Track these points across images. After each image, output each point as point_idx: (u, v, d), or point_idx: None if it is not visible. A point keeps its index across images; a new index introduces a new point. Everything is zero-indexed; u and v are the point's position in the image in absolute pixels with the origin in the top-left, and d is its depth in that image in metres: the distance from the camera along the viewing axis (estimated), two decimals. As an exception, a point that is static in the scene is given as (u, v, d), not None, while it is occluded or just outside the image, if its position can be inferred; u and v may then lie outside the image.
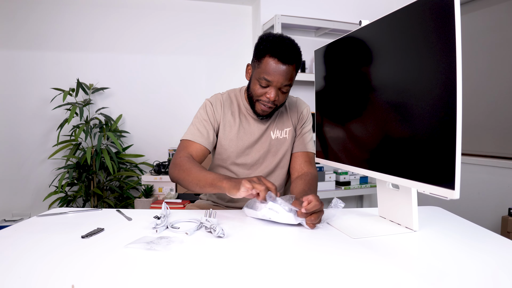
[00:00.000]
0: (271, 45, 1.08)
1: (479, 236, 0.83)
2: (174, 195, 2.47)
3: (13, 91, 2.69)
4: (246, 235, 0.83)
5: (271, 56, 1.08)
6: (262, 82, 1.10)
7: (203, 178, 1.02)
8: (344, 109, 1.03)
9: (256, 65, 1.13)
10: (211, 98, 1.26)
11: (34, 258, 0.68)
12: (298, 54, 1.11)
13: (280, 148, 1.26)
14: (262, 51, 1.10)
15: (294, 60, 1.09)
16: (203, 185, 1.02)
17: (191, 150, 1.17)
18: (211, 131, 1.21)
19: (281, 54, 1.06)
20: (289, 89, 1.14)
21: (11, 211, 2.71)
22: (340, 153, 1.06)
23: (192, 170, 1.06)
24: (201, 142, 1.18)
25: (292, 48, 1.09)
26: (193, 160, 1.12)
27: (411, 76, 0.74)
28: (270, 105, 1.14)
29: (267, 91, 1.11)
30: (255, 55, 1.14)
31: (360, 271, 0.63)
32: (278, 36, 1.12)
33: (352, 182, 2.65)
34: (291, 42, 1.11)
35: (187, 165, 1.08)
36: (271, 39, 1.10)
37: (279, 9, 2.73)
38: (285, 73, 1.08)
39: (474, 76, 2.33)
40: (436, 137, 0.67)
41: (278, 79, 1.08)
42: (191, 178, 1.05)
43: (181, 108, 2.95)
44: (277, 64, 1.07)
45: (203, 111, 1.23)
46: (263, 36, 1.13)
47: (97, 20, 2.80)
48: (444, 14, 0.64)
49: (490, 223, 2.13)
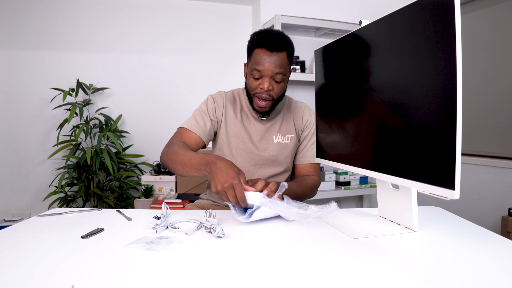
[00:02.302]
0: (258, 37, 1.13)
1: (479, 236, 0.83)
2: (174, 195, 2.47)
3: (13, 91, 2.69)
4: (246, 235, 0.83)
5: (259, 47, 1.11)
6: (254, 74, 1.13)
7: (189, 161, 0.99)
8: (344, 109, 1.03)
9: (249, 60, 1.18)
10: (214, 94, 1.28)
11: (34, 258, 0.68)
12: (287, 42, 1.13)
13: (282, 154, 1.26)
14: (251, 45, 1.15)
15: (282, 47, 1.11)
16: (188, 169, 0.99)
17: (185, 137, 1.18)
18: (208, 123, 1.22)
19: (268, 43, 1.09)
20: (283, 78, 1.14)
21: (11, 211, 2.71)
22: (340, 153, 1.06)
23: (179, 153, 1.04)
24: (196, 132, 1.19)
25: (279, 36, 1.12)
26: (183, 145, 1.11)
27: (411, 76, 0.74)
28: (266, 96, 1.14)
29: (260, 82, 1.13)
30: (247, 52, 1.19)
31: (360, 271, 0.63)
32: (266, 29, 1.16)
33: (352, 182, 2.65)
34: (278, 31, 1.14)
35: (175, 147, 1.08)
36: (258, 33, 1.15)
37: (279, 9, 2.73)
38: (274, 60, 1.10)
39: (474, 76, 2.33)
40: (436, 137, 0.67)
41: (268, 67, 1.10)
42: (178, 160, 1.03)
43: (181, 108, 2.95)
44: (265, 53, 1.10)
45: (204, 105, 1.25)
46: (253, 33, 1.18)
47: (97, 20, 2.80)
48: (444, 14, 0.64)
49: (490, 223, 2.13)
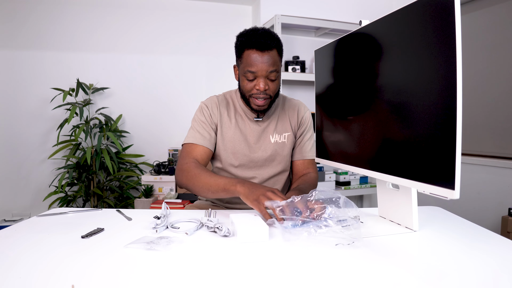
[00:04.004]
0: (246, 38, 1.11)
1: (479, 236, 0.83)
2: (174, 195, 2.47)
3: (13, 91, 2.69)
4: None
5: (249, 48, 1.10)
6: (248, 75, 1.12)
7: (215, 183, 1.03)
8: (344, 109, 1.03)
9: (239, 63, 1.16)
10: (206, 101, 1.26)
11: (34, 258, 0.68)
12: (276, 39, 1.12)
13: (280, 153, 1.26)
14: (240, 47, 1.13)
15: (272, 45, 1.10)
16: (215, 190, 1.03)
17: (195, 154, 1.17)
18: (211, 132, 1.21)
19: (257, 43, 1.08)
20: (277, 76, 1.14)
21: (11, 211, 2.71)
22: (340, 153, 1.06)
23: (201, 176, 1.07)
24: (203, 144, 1.18)
25: (267, 34, 1.11)
26: (200, 165, 1.13)
27: (411, 76, 0.74)
28: (263, 95, 1.13)
29: (255, 83, 1.12)
30: (236, 54, 1.17)
31: (360, 271, 0.63)
32: (252, 28, 1.14)
33: (352, 182, 2.65)
34: (265, 29, 1.13)
35: (195, 170, 1.09)
36: (245, 33, 1.13)
37: (279, 9, 2.73)
38: (266, 60, 1.09)
39: (474, 76, 2.33)
40: (436, 137, 0.67)
41: (261, 68, 1.09)
42: (201, 184, 1.06)
43: (181, 108, 2.95)
44: (256, 53, 1.09)
45: (200, 113, 1.23)
46: (239, 33, 1.16)
47: (97, 20, 2.80)
48: (444, 14, 0.64)
49: (490, 223, 2.13)
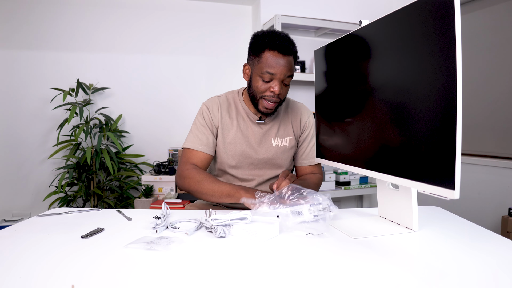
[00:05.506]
0: (268, 39, 1.10)
1: (479, 236, 0.83)
2: (174, 195, 2.47)
3: (13, 91, 2.69)
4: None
5: (271, 50, 1.10)
6: (265, 76, 1.11)
7: (218, 189, 1.06)
8: (344, 109, 1.03)
9: (255, 61, 1.14)
10: (207, 102, 1.25)
11: (34, 258, 0.68)
12: (295, 46, 1.14)
13: (281, 157, 1.26)
14: (260, 46, 1.12)
15: (292, 51, 1.12)
16: (219, 196, 1.06)
17: (195, 160, 1.18)
18: (210, 136, 1.21)
19: (280, 46, 1.09)
20: (290, 81, 1.15)
21: (11, 211, 2.71)
22: (340, 153, 1.06)
23: (204, 182, 1.09)
24: (202, 150, 1.18)
25: (289, 40, 1.12)
26: (201, 171, 1.14)
27: (411, 76, 0.74)
28: (276, 99, 1.14)
29: (271, 85, 1.12)
30: (252, 52, 1.15)
31: (360, 271, 0.63)
32: (273, 30, 1.15)
33: (352, 182, 2.65)
34: (286, 35, 1.14)
35: (197, 176, 1.11)
36: (266, 34, 1.12)
37: (279, 9, 2.73)
38: (286, 64, 1.10)
39: (474, 76, 2.33)
40: (436, 137, 0.67)
41: (281, 71, 1.10)
42: (205, 190, 1.08)
43: (181, 108, 2.95)
44: (277, 56, 1.09)
45: (200, 116, 1.23)
46: (258, 33, 1.15)
47: (97, 20, 2.79)
48: (444, 14, 0.64)
49: (490, 223, 2.13)
